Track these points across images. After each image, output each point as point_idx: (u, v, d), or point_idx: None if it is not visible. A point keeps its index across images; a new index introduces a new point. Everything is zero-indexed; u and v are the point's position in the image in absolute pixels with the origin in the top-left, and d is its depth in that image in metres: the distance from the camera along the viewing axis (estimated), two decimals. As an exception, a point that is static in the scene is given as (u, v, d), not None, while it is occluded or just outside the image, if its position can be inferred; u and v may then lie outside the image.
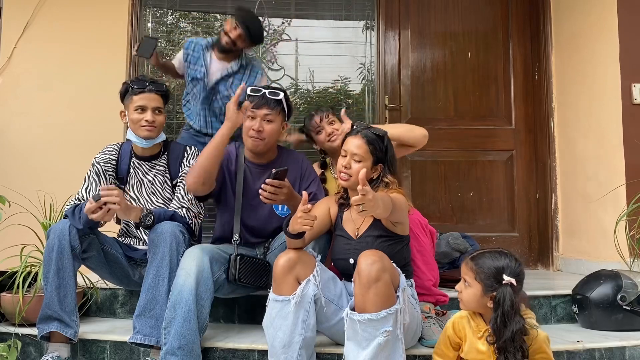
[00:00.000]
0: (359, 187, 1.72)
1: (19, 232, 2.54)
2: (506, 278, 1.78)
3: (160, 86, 2.49)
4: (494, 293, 1.78)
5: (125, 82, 2.52)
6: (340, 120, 2.86)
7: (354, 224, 2.16)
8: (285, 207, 2.43)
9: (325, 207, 2.23)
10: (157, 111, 2.46)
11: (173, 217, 2.33)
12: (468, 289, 1.84)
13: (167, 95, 2.54)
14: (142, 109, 2.44)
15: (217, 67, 3.12)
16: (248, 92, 2.42)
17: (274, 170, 2.15)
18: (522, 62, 4.09)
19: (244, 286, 2.32)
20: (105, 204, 2.14)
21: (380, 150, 2.14)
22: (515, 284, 1.78)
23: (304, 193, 1.95)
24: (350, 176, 2.11)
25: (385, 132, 2.19)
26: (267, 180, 2.14)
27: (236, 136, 2.51)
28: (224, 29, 3.08)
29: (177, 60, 3.26)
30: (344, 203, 2.23)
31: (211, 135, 2.94)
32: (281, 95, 2.40)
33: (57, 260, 2.20)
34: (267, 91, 2.39)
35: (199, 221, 2.47)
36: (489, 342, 1.78)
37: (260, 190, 2.17)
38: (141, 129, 2.44)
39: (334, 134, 2.84)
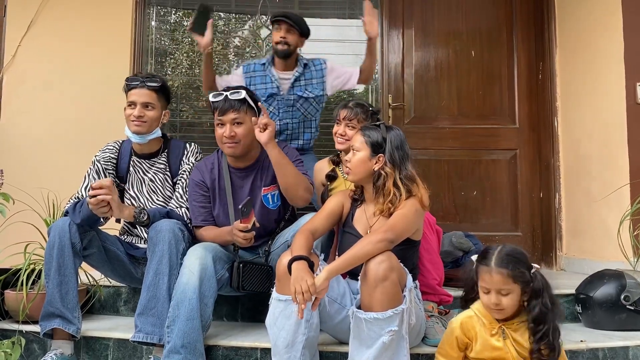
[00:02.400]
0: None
1: (22, 230, 2.55)
2: (534, 265, 1.85)
3: (154, 81, 2.47)
4: (527, 288, 1.81)
5: (125, 79, 2.53)
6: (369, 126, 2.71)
7: (367, 223, 2.15)
8: (275, 198, 2.43)
9: (339, 202, 2.22)
10: (147, 107, 2.45)
11: (169, 215, 2.33)
12: (509, 296, 1.81)
13: (164, 90, 2.50)
14: (133, 104, 2.45)
15: (284, 77, 3.12)
16: (210, 98, 2.39)
17: (239, 207, 2.17)
18: (526, 61, 4.08)
19: (247, 292, 2.33)
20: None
21: (376, 141, 2.11)
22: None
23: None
24: (350, 169, 2.13)
25: (382, 123, 2.19)
26: (241, 227, 2.18)
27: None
28: (273, 41, 3.09)
29: (228, 81, 3.10)
30: (357, 199, 2.22)
31: (300, 147, 3.09)
32: (243, 94, 2.34)
33: (58, 257, 2.20)
34: (228, 93, 2.34)
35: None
36: (533, 332, 1.80)
37: (241, 240, 2.20)
38: (131, 123, 2.45)
39: (342, 137, 2.65)
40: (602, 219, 3.38)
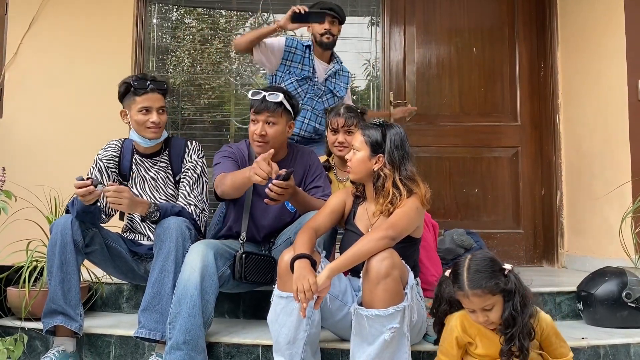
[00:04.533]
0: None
1: (25, 227, 2.55)
2: (506, 266, 1.82)
3: (162, 84, 2.46)
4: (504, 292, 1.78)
5: (124, 82, 2.44)
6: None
7: (368, 221, 2.15)
8: None
9: (341, 200, 2.22)
10: (160, 111, 2.44)
11: (180, 213, 2.34)
12: (495, 309, 1.80)
13: (168, 92, 2.52)
14: (147, 110, 2.41)
15: (320, 67, 3.16)
16: (249, 95, 2.41)
17: (280, 172, 2.15)
18: (528, 58, 4.08)
19: (250, 283, 2.33)
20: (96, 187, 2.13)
21: (376, 141, 2.11)
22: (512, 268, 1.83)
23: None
24: (351, 168, 2.14)
25: (382, 122, 2.17)
26: (275, 182, 2.14)
27: None
28: (315, 32, 3.11)
29: (271, 48, 3.10)
30: (359, 196, 2.22)
31: (303, 137, 3.11)
32: (281, 97, 2.36)
33: (60, 255, 2.20)
34: (266, 94, 2.36)
35: (205, 218, 2.48)
36: (502, 333, 1.78)
37: (267, 191, 2.17)
38: (147, 130, 2.42)
39: (343, 145, 2.70)
40: (603, 216, 3.38)
